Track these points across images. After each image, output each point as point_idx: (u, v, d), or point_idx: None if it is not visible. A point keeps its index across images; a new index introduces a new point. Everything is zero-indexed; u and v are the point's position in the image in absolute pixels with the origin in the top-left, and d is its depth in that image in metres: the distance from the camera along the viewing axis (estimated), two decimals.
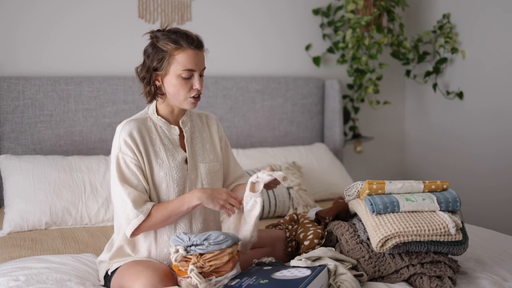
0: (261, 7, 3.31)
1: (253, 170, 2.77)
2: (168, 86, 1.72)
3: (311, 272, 1.55)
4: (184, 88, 1.71)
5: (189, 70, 1.70)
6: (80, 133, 2.79)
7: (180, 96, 1.72)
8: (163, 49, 1.69)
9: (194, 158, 1.81)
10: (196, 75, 1.72)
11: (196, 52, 1.71)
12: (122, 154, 1.70)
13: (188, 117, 1.85)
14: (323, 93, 3.43)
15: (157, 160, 1.74)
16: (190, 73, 1.71)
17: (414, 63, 3.58)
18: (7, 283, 1.69)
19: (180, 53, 1.69)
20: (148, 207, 1.68)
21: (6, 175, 2.50)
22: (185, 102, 1.74)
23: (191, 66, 1.70)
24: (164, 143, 1.77)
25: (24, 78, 2.69)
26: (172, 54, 1.69)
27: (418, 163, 3.75)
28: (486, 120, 3.22)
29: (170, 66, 1.70)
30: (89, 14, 2.88)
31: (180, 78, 1.70)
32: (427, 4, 3.56)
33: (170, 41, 1.69)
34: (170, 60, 1.69)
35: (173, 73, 1.70)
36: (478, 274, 1.77)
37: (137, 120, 1.76)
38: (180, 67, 1.69)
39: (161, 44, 1.70)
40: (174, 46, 1.69)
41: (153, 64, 1.71)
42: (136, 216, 1.67)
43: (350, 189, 1.93)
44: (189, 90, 1.72)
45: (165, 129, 1.79)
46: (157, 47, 1.71)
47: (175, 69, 1.69)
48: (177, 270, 1.62)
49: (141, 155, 1.72)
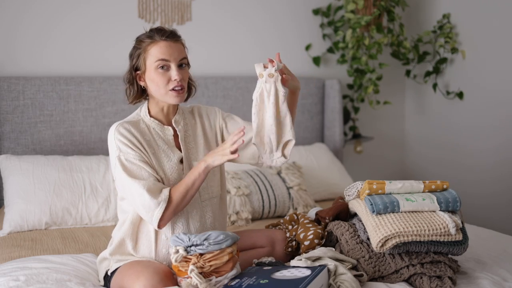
0: (261, 7, 3.31)
1: (253, 170, 2.77)
2: (149, 82, 1.73)
3: (311, 272, 1.55)
4: (163, 80, 1.70)
5: (162, 59, 1.70)
6: (80, 133, 2.79)
7: (161, 89, 1.71)
8: (139, 47, 1.73)
9: (188, 157, 1.81)
10: (173, 66, 1.71)
11: (169, 43, 1.71)
12: (123, 154, 1.69)
13: (180, 116, 1.83)
14: (323, 93, 3.43)
15: (154, 161, 1.73)
16: (165, 63, 1.70)
17: (414, 63, 3.58)
18: (7, 283, 1.69)
19: (153, 45, 1.71)
20: (166, 194, 1.66)
21: (6, 175, 2.50)
22: (167, 95, 1.72)
23: (163, 56, 1.70)
24: (158, 144, 1.76)
25: (24, 78, 2.69)
26: (146, 49, 1.71)
27: (418, 163, 3.75)
28: (486, 120, 3.22)
29: (146, 60, 1.71)
30: (89, 14, 2.88)
31: (157, 71, 1.70)
32: (427, 4, 3.56)
33: (144, 38, 1.72)
34: (145, 55, 1.71)
35: (150, 67, 1.71)
36: (478, 274, 1.77)
37: (130, 123, 1.74)
38: (154, 58, 1.70)
39: (137, 43, 1.74)
40: (148, 41, 1.71)
41: (133, 63, 1.74)
42: (157, 205, 1.64)
43: (350, 189, 1.93)
44: (167, 82, 1.71)
45: (158, 130, 1.78)
46: (135, 46, 1.75)
47: (150, 62, 1.71)
48: (177, 271, 1.62)
49: (143, 148, 1.71)
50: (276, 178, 2.74)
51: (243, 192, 2.57)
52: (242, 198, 2.55)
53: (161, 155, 1.75)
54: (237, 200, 2.54)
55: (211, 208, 1.83)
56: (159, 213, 1.64)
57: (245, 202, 2.55)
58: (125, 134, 1.70)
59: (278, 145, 1.67)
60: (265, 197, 2.62)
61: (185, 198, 1.69)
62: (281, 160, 1.70)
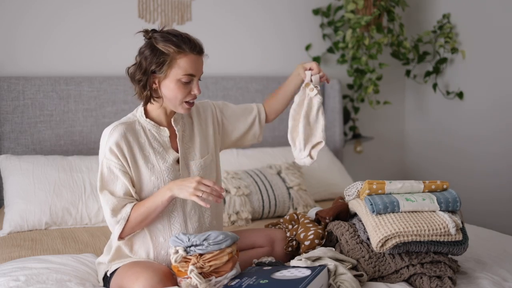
0: (261, 7, 3.31)
1: (253, 170, 2.77)
2: (165, 90, 1.69)
3: (311, 272, 1.55)
4: (182, 92, 1.69)
5: (189, 75, 1.68)
6: (80, 133, 2.79)
7: (177, 100, 1.70)
8: (165, 52, 1.65)
9: (185, 157, 1.80)
10: (195, 80, 1.70)
11: (197, 57, 1.69)
12: (107, 160, 1.69)
13: (179, 115, 1.82)
14: (323, 93, 3.43)
15: (147, 165, 1.72)
16: (190, 78, 1.68)
17: (414, 63, 3.58)
18: (7, 283, 1.69)
19: (182, 57, 1.65)
20: (127, 211, 1.67)
21: (6, 175, 2.50)
22: (180, 106, 1.72)
23: (192, 71, 1.68)
24: (153, 146, 1.74)
25: (24, 78, 2.69)
26: (174, 58, 1.65)
27: (418, 163, 3.75)
28: (486, 120, 3.22)
29: (171, 70, 1.66)
30: (89, 14, 2.88)
31: (179, 82, 1.67)
32: (427, 4, 3.56)
33: (172, 44, 1.65)
34: (172, 64, 1.65)
35: (173, 77, 1.67)
36: (478, 274, 1.77)
37: (125, 124, 1.73)
38: (181, 71, 1.66)
39: (162, 47, 1.65)
40: (176, 49, 1.65)
41: (151, 67, 1.67)
42: (116, 223, 1.68)
43: (350, 189, 1.93)
44: (186, 95, 1.70)
45: (154, 132, 1.76)
46: (157, 49, 1.66)
47: (176, 73, 1.66)
48: (177, 271, 1.62)
49: (126, 161, 1.69)
50: (276, 178, 2.74)
51: (243, 192, 2.57)
52: (242, 198, 2.55)
53: (155, 157, 1.73)
54: (237, 200, 2.53)
55: (210, 207, 1.83)
56: (118, 230, 1.68)
57: (245, 202, 2.55)
58: (117, 141, 1.68)
59: (306, 145, 1.83)
60: (265, 197, 2.62)
61: (144, 221, 1.69)
62: (307, 160, 1.84)
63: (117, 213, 1.68)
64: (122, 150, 1.68)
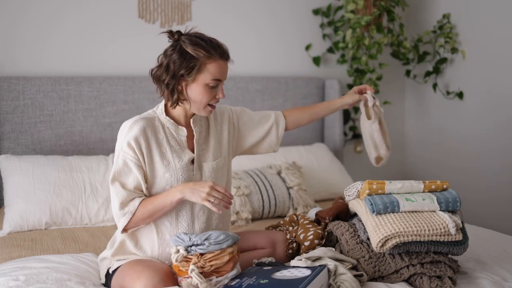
0: (261, 7, 3.31)
1: (253, 170, 2.77)
2: (192, 93, 1.71)
3: (311, 272, 1.55)
4: (209, 96, 1.72)
5: (217, 80, 1.70)
6: (80, 133, 2.79)
7: (202, 104, 1.72)
8: (195, 57, 1.67)
9: (199, 158, 1.81)
10: (221, 85, 1.73)
11: (225, 62, 1.73)
12: (124, 153, 1.71)
13: (198, 116, 1.84)
14: (323, 93, 3.43)
15: (163, 161, 1.74)
16: (217, 83, 1.71)
17: (414, 63, 3.58)
18: (7, 283, 1.69)
19: (211, 62, 1.68)
20: (135, 205, 1.69)
21: (6, 175, 2.50)
22: (203, 109, 1.74)
23: (219, 76, 1.71)
24: (171, 144, 1.76)
25: (24, 78, 2.69)
26: (204, 62, 1.68)
27: (418, 163, 3.75)
28: (486, 120, 3.22)
29: (200, 74, 1.68)
30: (89, 14, 2.88)
31: (207, 86, 1.70)
32: (427, 4, 3.56)
33: (202, 49, 1.67)
34: (201, 68, 1.68)
35: (201, 81, 1.69)
36: (478, 274, 1.78)
37: (145, 119, 1.74)
38: (210, 76, 1.69)
39: (192, 51, 1.67)
40: (206, 54, 1.67)
41: (180, 70, 1.68)
42: (123, 215, 1.69)
43: (350, 189, 1.93)
44: (211, 99, 1.73)
45: (172, 130, 1.78)
46: (186, 53, 1.67)
47: (205, 77, 1.69)
48: (178, 270, 1.62)
49: (142, 156, 1.71)
50: (276, 178, 2.74)
51: (243, 192, 2.57)
52: (242, 198, 2.55)
53: (171, 154, 1.75)
54: (237, 200, 2.54)
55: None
56: (123, 223, 1.70)
57: (245, 202, 2.55)
58: (136, 135, 1.70)
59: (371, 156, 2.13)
60: (265, 197, 2.62)
61: (149, 218, 1.72)
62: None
63: (125, 206, 1.69)
64: (140, 145, 1.70)
